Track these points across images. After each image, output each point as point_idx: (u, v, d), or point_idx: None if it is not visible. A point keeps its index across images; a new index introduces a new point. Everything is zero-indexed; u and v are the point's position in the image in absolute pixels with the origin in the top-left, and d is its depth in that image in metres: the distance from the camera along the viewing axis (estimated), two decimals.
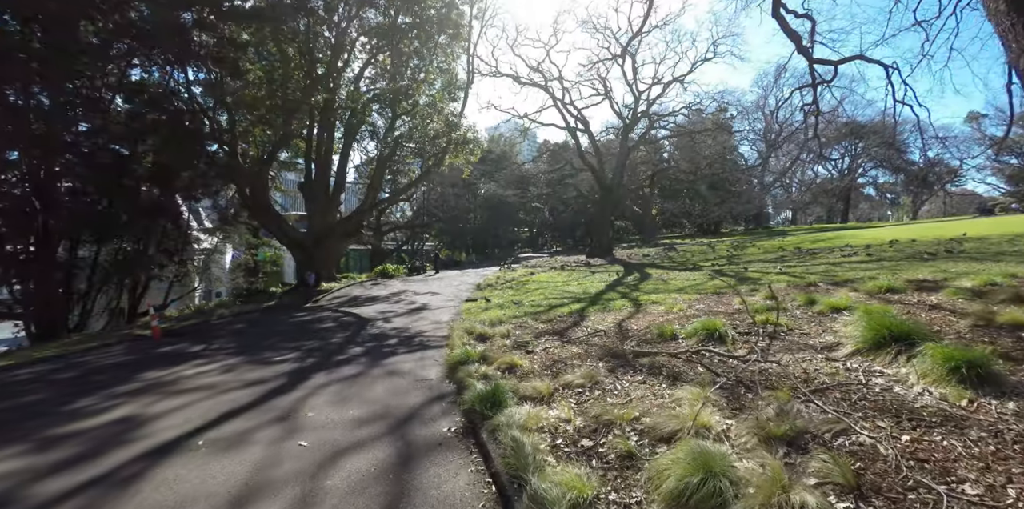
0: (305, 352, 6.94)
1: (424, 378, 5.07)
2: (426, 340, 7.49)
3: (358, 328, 9.23)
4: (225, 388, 5.13)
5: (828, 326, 5.56)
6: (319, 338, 8.18)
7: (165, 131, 16.80)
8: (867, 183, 58.75)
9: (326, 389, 4.82)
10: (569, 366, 4.74)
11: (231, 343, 8.27)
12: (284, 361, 6.33)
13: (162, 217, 18.63)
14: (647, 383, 4.02)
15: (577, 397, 3.77)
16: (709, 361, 4.46)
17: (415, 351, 6.62)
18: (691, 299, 8.85)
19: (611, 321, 7.18)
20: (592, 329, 6.67)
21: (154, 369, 6.43)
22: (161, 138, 17.17)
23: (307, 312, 12.50)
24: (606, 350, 5.25)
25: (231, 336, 9.19)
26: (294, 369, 5.82)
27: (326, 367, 5.80)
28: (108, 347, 8.86)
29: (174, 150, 17.32)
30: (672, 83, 29.55)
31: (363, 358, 6.28)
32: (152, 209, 17.85)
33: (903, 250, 14.98)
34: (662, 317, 7.04)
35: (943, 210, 59.52)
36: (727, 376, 4.00)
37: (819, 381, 3.77)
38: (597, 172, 27.63)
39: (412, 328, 8.86)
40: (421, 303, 12.93)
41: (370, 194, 22.24)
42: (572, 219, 47.91)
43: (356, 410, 4.09)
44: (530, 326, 7.37)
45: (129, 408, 4.64)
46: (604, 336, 6.04)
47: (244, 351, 7.31)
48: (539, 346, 5.81)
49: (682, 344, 5.14)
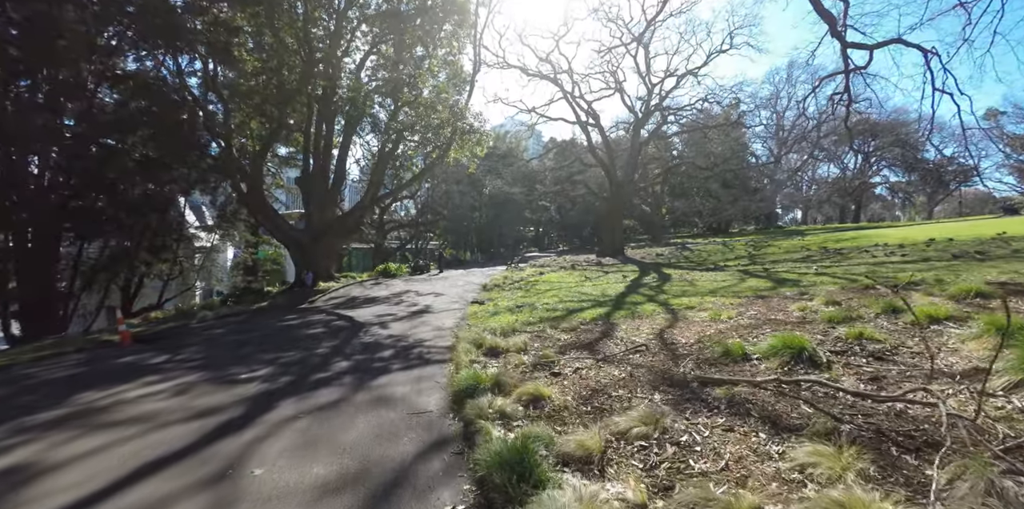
0: (280, 367, 5.76)
1: (421, 410, 3.88)
2: (426, 352, 6.30)
3: (350, 335, 8.06)
4: (164, 421, 3.96)
5: (939, 343, 4.33)
6: (302, 348, 7.01)
7: (154, 122, 15.73)
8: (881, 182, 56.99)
9: (290, 427, 3.64)
10: (615, 399, 3.54)
11: (201, 353, 7.10)
12: (251, 380, 5.15)
13: (151, 213, 17.59)
14: (736, 431, 2.82)
15: (643, 457, 2.56)
16: (812, 395, 3.25)
17: (412, 367, 5.44)
18: (732, 303, 7.62)
19: (648, 331, 5.97)
20: (628, 342, 5.45)
21: (97, 388, 5.28)
22: (150, 129, 16.12)
23: (298, 315, 11.35)
24: (658, 374, 4.04)
25: (205, 344, 8.04)
26: (259, 392, 4.64)
27: (299, 391, 4.61)
28: (64, 356, 7.73)
29: (164, 142, 16.27)
30: (686, 76, 28.28)
31: (348, 377, 5.10)
32: (140, 204, 16.79)
33: (945, 249, 13.74)
34: (711, 327, 5.82)
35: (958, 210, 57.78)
36: (853, 422, 2.80)
37: (998, 433, 2.56)
38: (608, 168, 26.38)
39: (411, 336, 7.68)
40: (423, 305, 11.76)
41: (371, 189, 21.10)
42: (579, 218, 46.60)
43: (322, 466, 2.90)
44: (550, 337, 6.16)
45: (28, 451, 3.48)
46: (648, 352, 4.83)
47: (210, 364, 6.14)
48: (567, 365, 4.60)
49: (760, 367, 3.92)
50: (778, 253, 19.42)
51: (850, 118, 18.81)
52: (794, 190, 56.68)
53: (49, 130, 14.44)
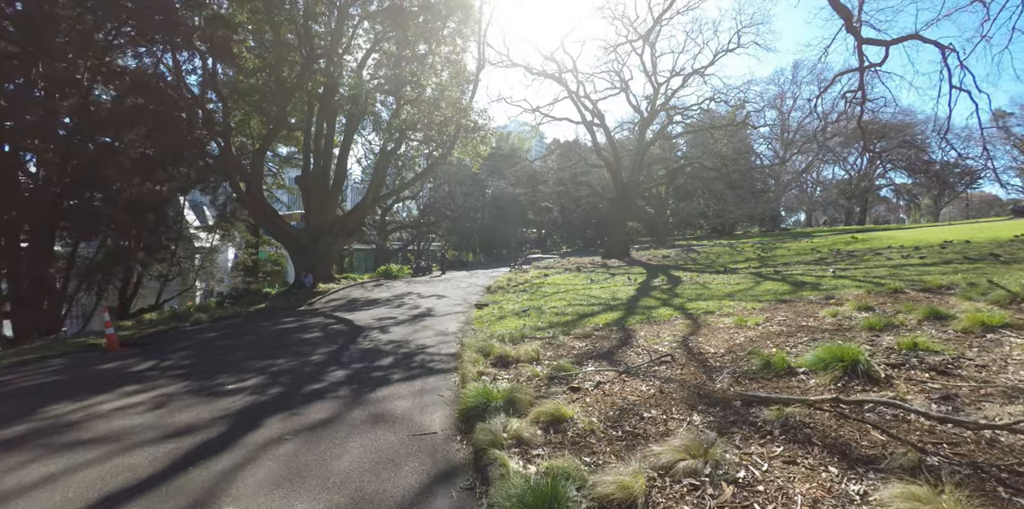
0: (271, 377, 5.32)
1: (424, 431, 3.42)
2: (429, 360, 5.85)
3: (348, 340, 7.61)
4: (135, 441, 3.51)
5: (1002, 354, 3.86)
6: (297, 354, 6.56)
7: (151, 119, 15.34)
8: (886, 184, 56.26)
9: (274, 451, 3.18)
10: (647, 421, 3.08)
11: (188, 360, 6.65)
12: (238, 392, 4.70)
13: (147, 212, 17.17)
14: (800, 463, 2.37)
15: (696, 501, 2.10)
16: (879, 419, 2.80)
17: (414, 378, 4.98)
18: (754, 308, 7.16)
19: (670, 339, 5.50)
20: (650, 350, 4.99)
21: (70, 399, 4.84)
22: (146, 127, 15.73)
23: (296, 318, 10.91)
24: (692, 390, 3.58)
25: (194, 349, 7.59)
26: (244, 407, 4.18)
27: (288, 405, 4.16)
28: (46, 360, 7.30)
29: (161, 140, 15.88)
30: (692, 75, 27.83)
31: (343, 389, 4.64)
32: (136, 203, 16.38)
33: (964, 252, 13.25)
34: (739, 334, 5.35)
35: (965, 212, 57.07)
36: (939, 453, 2.35)
37: None
38: (614, 168, 25.92)
39: (413, 341, 7.23)
40: (425, 308, 11.32)
41: (373, 188, 20.68)
42: (582, 219, 46.11)
43: (307, 503, 2.45)
44: (564, 344, 5.70)
45: None
46: (675, 364, 4.36)
47: (196, 373, 5.69)
48: (586, 378, 4.14)
49: (810, 383, 3.46)
50: (788, 255, 18.90)
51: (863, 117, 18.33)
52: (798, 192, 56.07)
53: (43, 127, 14.06)
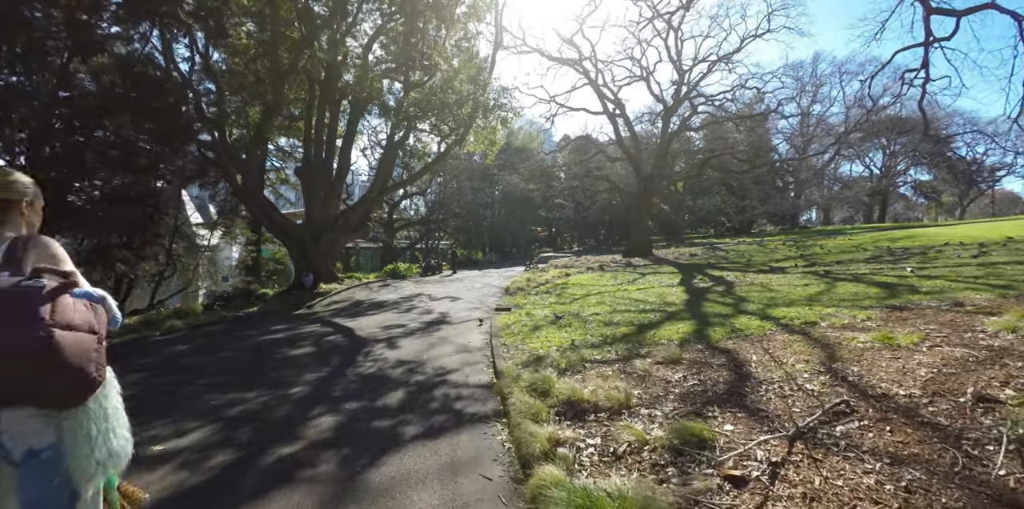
0: (226, 426, 3.65)
1: None
2: (455, 397, 4.17)
3: (345, 360, 5.95)
4: None
5: None
6: (274, 384, 4.91)
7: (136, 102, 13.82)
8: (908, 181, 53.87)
9: None
10: None
11: (128, 390, 5.03)
12: (160, 461, 3.04)
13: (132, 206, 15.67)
14: None
15: None
16: None
17: (438, 434, 3.30)
18: (867, 318, 5.42)
19: (801, 365, 3.79)
20: (797, 388, 3.28)
21: None
22: (130, 111, 14.21)
23: (289, 325, 9.30)
24: (954, 480, 1.90)
25: (148, 371, 5.96)
26: (155, 503, 2.53)
27: (231, 499, 2.50)
28: None
29: (146, 126, 14.37)
30: (718, 62, 25.99)
31: (327, 459, 2.96)
32: (118, 196, 14.87)
33: None
34: (907, 360, 3.62)
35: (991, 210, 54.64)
36: None
37: None
38: (636, 160, 24.15)
39: (429, 361, 5.57)
40: (439, 313, 9.66)
41: (379, 181, 19.05)
42: (596, 217, 44.27)
43: None
44: (649, 374, 3.99)
45: None
46: (862, 417, 2.67)
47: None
48: (746, 455, 2.46)
49: None
50: (833, 253, 17.09)
51: (924, 100, 16.40)
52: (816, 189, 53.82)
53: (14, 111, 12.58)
